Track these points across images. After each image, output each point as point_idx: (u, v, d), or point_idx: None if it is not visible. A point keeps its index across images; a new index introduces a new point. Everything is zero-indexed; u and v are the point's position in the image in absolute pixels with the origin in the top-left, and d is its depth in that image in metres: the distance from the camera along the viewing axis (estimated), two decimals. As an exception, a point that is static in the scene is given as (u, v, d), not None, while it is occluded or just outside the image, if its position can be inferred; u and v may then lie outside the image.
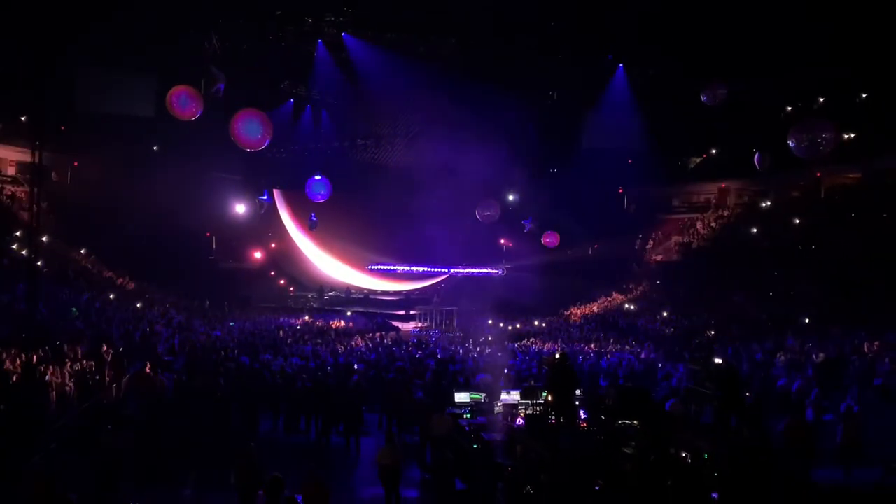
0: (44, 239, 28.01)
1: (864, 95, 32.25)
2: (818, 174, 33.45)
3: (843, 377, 16.25)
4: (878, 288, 23.23)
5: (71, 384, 14.06)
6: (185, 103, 16.30)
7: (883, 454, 10.90)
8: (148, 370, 15.10)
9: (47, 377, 13.51)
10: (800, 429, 11.28)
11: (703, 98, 22.77)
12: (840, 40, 25.96)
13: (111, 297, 27.07)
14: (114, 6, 24.89)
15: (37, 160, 14.51)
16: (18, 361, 13.75)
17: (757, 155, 24.09)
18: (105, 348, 16.45)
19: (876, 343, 18.49)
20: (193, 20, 28.02)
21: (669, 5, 26.10)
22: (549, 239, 31.32)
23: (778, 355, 19.45)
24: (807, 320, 24.46)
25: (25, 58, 19.76)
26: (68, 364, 14.72)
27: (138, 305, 26.88)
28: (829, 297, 25.13)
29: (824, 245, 29.11)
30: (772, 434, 10.19)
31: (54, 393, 13.50)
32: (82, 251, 31.95)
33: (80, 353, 15.97)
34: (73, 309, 21.73)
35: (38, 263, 24.97)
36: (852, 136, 31.27)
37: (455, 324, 34.48)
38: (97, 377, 15.11)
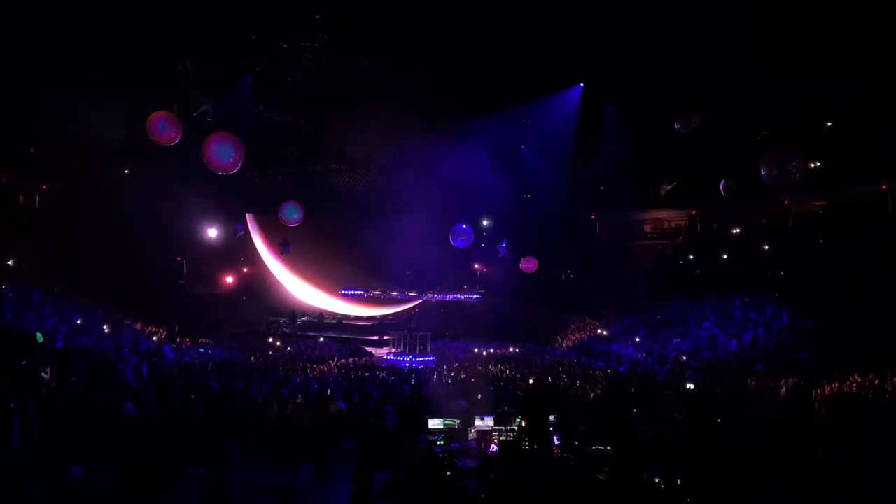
0: (10, 263, 27.52)
1: (829, 124, 32.99)
2: (786, 202, 34.15)
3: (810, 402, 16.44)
4: (847, 314, 23.60)
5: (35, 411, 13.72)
6: (164, 128, 16.29)
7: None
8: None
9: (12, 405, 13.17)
10: (773, 452, 11.32)
11: (676, 126, 22.81)
12: (806, 69, 26.67)
13: (78, 322, 26.53)
14: (85, 28, 24.68)
15: (3, 182, 14.29)
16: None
17: (722, 182, 24.29)
18: (71, 375, 16.09)
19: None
20: (167, 43, 27.88)
21: (640, 35, 26.55)
22: (528, 265, 31.34)
23: (749, 381, 19.63)
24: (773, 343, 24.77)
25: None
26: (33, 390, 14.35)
27: (105, 330, 26.39)
28: (798, 324, 25.48)
29: (793, 271, 29.60)
30: (745, 457, 10.21)
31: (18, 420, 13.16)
32: (49, 275, 31.30)
33: (45, 379, 15.60)
34: (38, 334, 21.25)
35: (3, 287, 24.54)
36: (818, 164, 31.97)
37: (429, 348, 34.31)
38: (63, 404, 14.75)
